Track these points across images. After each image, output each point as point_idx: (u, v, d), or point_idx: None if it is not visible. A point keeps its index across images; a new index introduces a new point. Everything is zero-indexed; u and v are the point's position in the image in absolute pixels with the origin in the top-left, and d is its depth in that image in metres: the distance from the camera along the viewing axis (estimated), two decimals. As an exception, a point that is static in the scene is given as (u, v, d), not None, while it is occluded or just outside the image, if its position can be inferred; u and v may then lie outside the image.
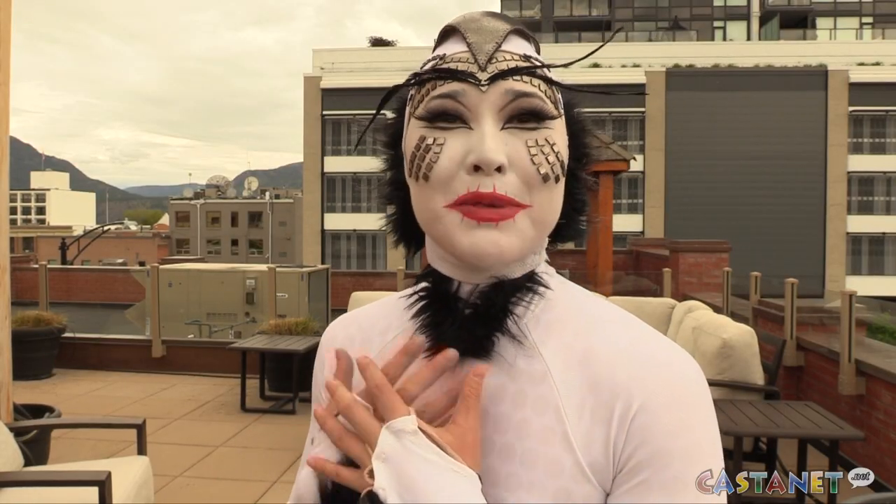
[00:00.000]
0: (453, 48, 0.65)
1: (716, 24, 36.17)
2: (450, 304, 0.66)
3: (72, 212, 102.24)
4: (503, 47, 0.63)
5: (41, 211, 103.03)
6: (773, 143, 27.66)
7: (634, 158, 9.11)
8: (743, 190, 27.83)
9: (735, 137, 27.87)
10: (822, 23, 34.94)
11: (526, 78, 0.62)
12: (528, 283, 0.66)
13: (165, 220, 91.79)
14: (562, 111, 0.66)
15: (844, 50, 29.20)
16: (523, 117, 0.62)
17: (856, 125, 28.08)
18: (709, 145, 28.04)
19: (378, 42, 33.84)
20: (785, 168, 27.68)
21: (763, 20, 35.62)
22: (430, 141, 0.62)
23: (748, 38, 35.07)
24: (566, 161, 0.65)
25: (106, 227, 33.11)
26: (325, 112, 29.67)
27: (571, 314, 0.66)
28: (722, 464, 0.61)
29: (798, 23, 35.01)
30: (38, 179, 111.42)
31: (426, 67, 0.65)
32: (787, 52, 29.08)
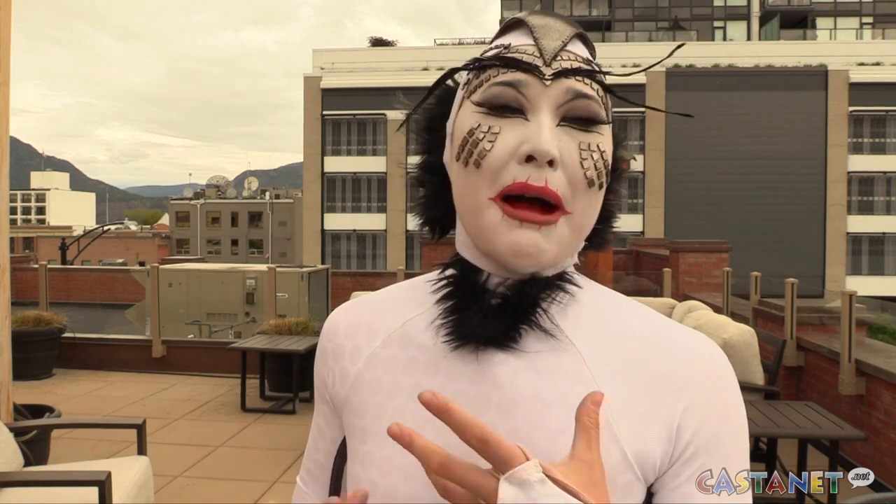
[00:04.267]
0: (519, 40, 0.65)
1: (716, 24, 36.17)
2: (476, 293, 0.65)
3: (72, 212, 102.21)
4: (568, 47, 0.64)
5: (41, 211, 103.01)
6: (773, 143, 27.65)
7: (634, 158, 9.10)
8: (743, 190, 27.82)
9: (735, 137, 27.86)
10: (822, 23, 34.94)
11: (587, 80, 0.63)
12: (559, 282, 0.66)
13: (165, 220, 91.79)
14: (611, 118, 0.67)
15: (844, 50, 29.19)
16: (579, 117, 0.63)
17: (856, 125, 28.06)
18: (709, 145, 28.02)
19: (378, 42, 33.81)
20: (785, 168, 27.67)
21: (763, 20, 35.61)
22: (485, 128, 0.62)
23: (748, 38, 35.07)
24: (610, 169, 0.66)
25: (106, 227, 33.11)
26: (325, 112, 29.66)
27: (600, 306, 0.68)
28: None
29: (798, 23, 35.00)
30: (38, 179, 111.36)
31: (488, 54, 0.65)
32: (787, 52, 29.07)
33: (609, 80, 0.66)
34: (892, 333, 10.78)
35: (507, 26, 0.68)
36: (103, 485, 2.64)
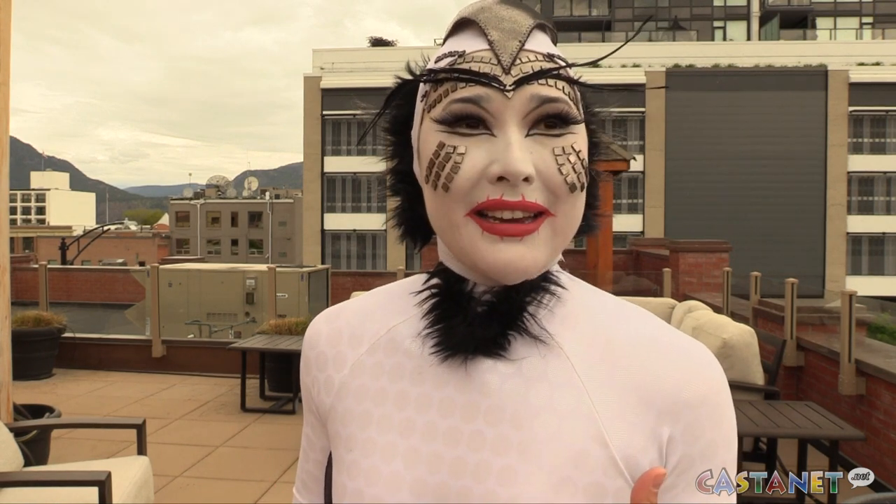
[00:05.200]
0: (473, 44, 0.60)
1: (716, 24, 36.16)
2: (462, 302, 0.63)
3: (72, 212, 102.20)
4: (526, 46, 0.59)
5: (41, 211, 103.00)
6: (773, 143, 27.67)
7: (634, 158, 9.11)
8: (743, 190, 27.83)
9: (735, 137, 27.88)
10: (822, 23, 34.93)
11: (550, 81, 0.59)
12: (544, 283, 0.64)
13: (165, 220, 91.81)
14: (582, 112, 0.63)
15: (844, 50, 29.20)
16: (549, 123, 0.59)
17: (856, 125, 28.08)
18: (709, 145, 28.04)
19: (378, 42, 33.83)
20: (785, 168, 27.68)
21: (763, 20, 35.61)
22: (450, 149, 0.59)
23: (748, 38, 35.06)
24: (588, 165, 0.63)
25: (106, 227, 33.12)
26: (325, 112, 29.68)
27: (586, 308, 0.66)
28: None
29: (798, 23, 35.00)
30: (38, 179, 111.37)
31: (442, 64, 0.61)
32: (787, 52, 29.09)
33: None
34: (892, 333, 10.78)
35: (457, 26, 0.63)
36: (103, 485, 2.64)
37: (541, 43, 0.61)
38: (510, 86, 0.58)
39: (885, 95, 27.50)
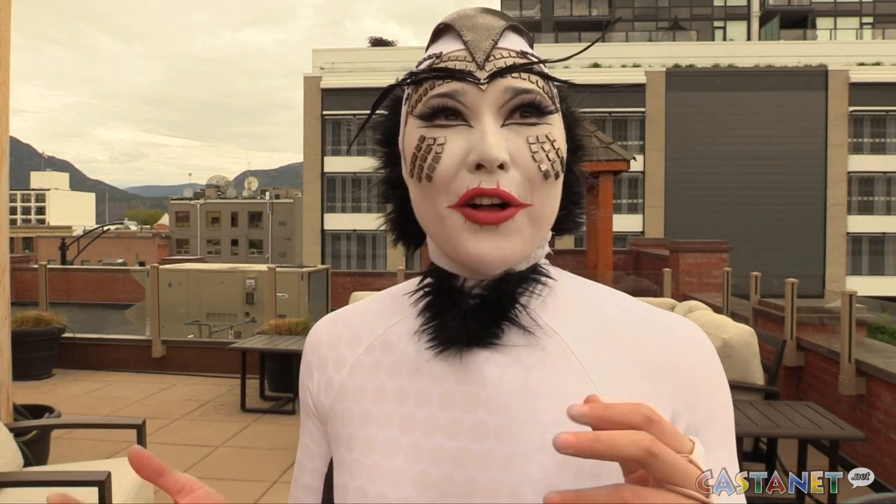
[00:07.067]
0: (450, 46, 0.64)
1: (716, 24, 36.18)
2: (454, 297, 0.65)
3: (72, 212, 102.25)
4: (500, 44, 0.63)
5: (41, 211, 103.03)
6: (773, 143, 27.66)
7: (634, 158, 9.10)
8: (743, 190, 27.83)
9: (735, 137, 27.87)
10: (822, 23, 34.94)
11: (524, 75, 0.62)
12: (533, 275, 0.66)
13: (165, 220, 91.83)
14: (559, 106, 0.66)
15: (844, 50, 29.20)
16: (524, 112, 0.62)
17: (856, 125, 28.07)
18: (709, 145, 28.03)
19: (378, 42, 33.82)
20: (785, 168, 27.68)
21: (763, 20, 35.62)
22: (430, 141, 0.62)
23: (748, 38, 35.08)
24: (565, 157, 0.65)
25: (106, 227, 33.13)
26: (325, 112, 29.67)
27: (577, 295, 0.68)
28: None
29: (798, 23, 35.01)
30: (38, 179, 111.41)
31: (422, 66, 0.65)
32: (787, 52, 29.08)
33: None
34: (892, 333, 10.79)
35: (437, 32, 0.66)
36: (103, 485, 2.64)
37: (514, 42, 0.64)
38: (484, 79, 0.61)
39: (885, 95, 27.49)
